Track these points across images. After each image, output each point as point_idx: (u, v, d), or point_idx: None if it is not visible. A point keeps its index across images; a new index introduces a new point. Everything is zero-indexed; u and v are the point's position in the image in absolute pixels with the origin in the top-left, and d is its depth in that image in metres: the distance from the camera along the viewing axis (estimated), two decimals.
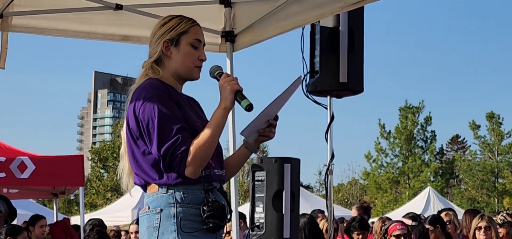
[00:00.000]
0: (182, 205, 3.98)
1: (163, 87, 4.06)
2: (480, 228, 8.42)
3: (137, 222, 9.77)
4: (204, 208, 3.97)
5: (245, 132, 4.37)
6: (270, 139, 4.45)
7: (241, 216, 11.65)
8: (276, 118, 4.39)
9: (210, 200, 3.99)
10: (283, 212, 6.90)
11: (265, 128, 4.36)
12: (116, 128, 72.18)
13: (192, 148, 3.92)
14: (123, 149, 4.21)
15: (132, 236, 9.73)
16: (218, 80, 4.12)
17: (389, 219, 9.99)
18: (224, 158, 4.36)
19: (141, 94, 4.02)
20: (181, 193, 3.99)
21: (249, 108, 4.02)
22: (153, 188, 4.07)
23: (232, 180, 7.11)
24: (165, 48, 4.16)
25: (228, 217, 4.11)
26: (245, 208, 12.81)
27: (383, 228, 9.01)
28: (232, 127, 7.17)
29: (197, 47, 4.20)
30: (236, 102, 4.08)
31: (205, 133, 3.96)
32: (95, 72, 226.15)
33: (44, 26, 6.61)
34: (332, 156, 7.05)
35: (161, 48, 4.16)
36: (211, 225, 3.97)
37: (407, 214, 10.57)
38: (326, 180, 7.06)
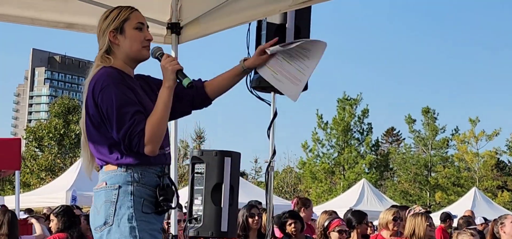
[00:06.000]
0: (139, 184, 4.30)
1: (118, 74, 4.34)
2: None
3: (57, 213, 9.33)
4: (160, 191, 4.32)
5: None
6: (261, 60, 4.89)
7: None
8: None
9: (164, 184, 4.36)
10: (222, 206, 6.90)
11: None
12: (53, 108, 71.20)
13: (146, 128, 4.20)
14: (84, 139, 4.45)
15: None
16: (160, 61, 4.41)
17: (335, 212, 10.07)
18: (215, 78, 4.84)
19: (99, 82, 4.28)
20: (139, 173, 4.30)
21: (190, 85, 4.33)
22: (110, 167, 4.34)
23: (172, 166, 7.12)
24: (112, 38, 4.45)
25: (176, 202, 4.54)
26: (180, 193, 12.73)
27: (326, 221, 9.13)
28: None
29: (141, 29, 4.49)
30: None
31: (155, 113, 4.25)
32: (33, 49, 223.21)
33: None
34: (274, 153, 7.05)
35: (109, 39, 4.45)
36: (165, 208, 4.34)
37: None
38: (266, 176, 7.06)
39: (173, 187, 4.46)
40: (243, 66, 4.86)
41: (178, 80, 4.34)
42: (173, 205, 4.43)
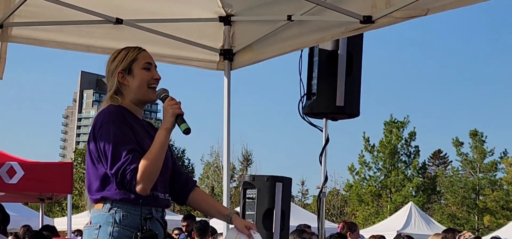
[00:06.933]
0: (119, 226, 4.29)
1: (119, 112, 4.39)
2: None
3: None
4: (138, 234, 4.27)
5: None
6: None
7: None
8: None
9: (145, 228, 4.30)
10: (273, 231, 6.91)
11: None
12: None
13: (140, 166, 4.21)
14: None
15: None
16: (163, 102, 4.41)
17: (383, 237, 10.04)
18: (205, 195, 4.92)
19: (99, 119, 4.36)
20: (121, 214, 4.31)
21: (186, 131, 4.32)
22: (98, 205, 4.37)
23: (224, 188, 7.28)
24: (121, 78, 4.49)
25: None
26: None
27: None
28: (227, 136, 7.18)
29: (149, 69, 4.52)
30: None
31: (150, 152, 4.26)
32: (82, 71, 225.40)
33: (43, 37, 6.60)
34: (326, 179, 7.06)
35: (117, 80, 4.49)
36: None
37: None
38: (318, 202, 7.08)
39: (161, 232, 4.43)
40: (229, 216, 4.67)
41: (176, 124, 4.33)
42: None
